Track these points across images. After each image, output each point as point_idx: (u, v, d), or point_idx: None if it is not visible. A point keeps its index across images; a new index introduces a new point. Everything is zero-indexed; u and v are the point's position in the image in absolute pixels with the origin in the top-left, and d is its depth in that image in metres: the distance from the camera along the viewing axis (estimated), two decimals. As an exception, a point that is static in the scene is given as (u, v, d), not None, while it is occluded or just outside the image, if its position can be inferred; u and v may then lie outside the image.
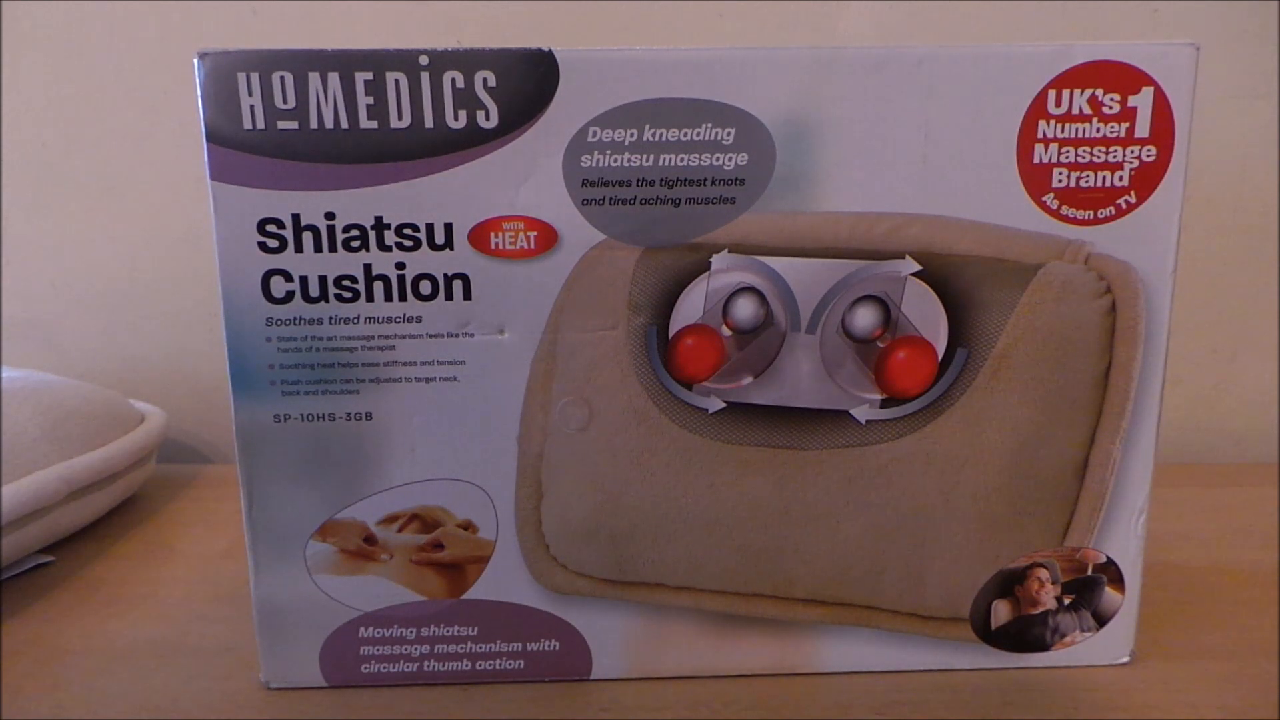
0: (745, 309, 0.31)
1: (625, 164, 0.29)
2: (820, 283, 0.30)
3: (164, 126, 0.59)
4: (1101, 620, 0.34)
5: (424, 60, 0.28)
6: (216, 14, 0.57)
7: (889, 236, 0.30)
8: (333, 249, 0.29)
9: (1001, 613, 0.33)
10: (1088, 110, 0.29)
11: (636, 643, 0.33)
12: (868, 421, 0.31)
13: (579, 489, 0.32)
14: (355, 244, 0.30)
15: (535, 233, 0.30)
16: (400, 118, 0.28)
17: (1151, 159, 0.30)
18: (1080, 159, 0.29)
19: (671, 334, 0.31)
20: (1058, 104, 0.29)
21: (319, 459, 0.31)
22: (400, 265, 0.30)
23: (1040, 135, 0.29)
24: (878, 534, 0.32)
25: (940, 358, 0.31)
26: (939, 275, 0.30)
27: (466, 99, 0.28)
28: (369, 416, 0.31)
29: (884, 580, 0.33)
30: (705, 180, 0.29)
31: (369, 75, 0.28)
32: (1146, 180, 0.30)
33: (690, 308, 0.30)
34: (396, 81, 0.28)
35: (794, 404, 0.31)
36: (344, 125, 0.28)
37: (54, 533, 0.45)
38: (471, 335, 0.30)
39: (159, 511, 0.51)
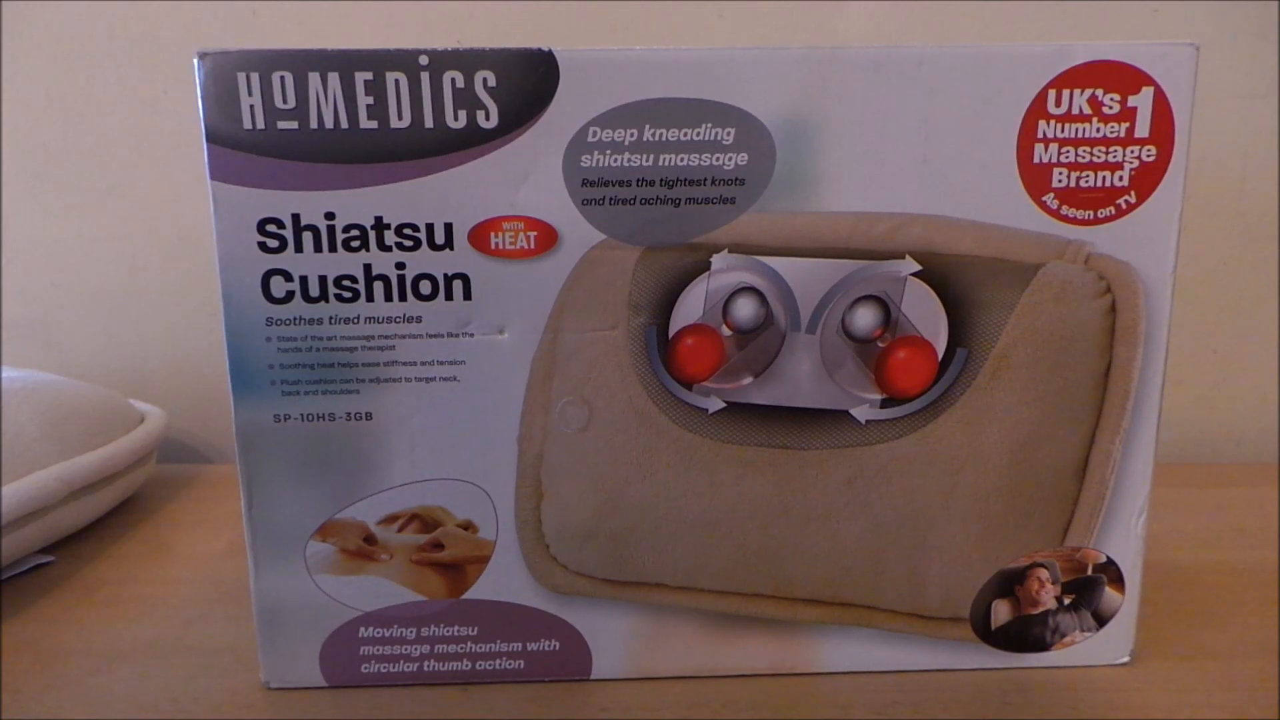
0: (745, 309, 0.31)
1: (625, 164, 0.29)
2: (820, 283, 0.30)
3: (164, 126, 0.59)
4: (1101, 620, 0.34)
5: (424, 60, 0.28)
6: (216, 14, 0.57)
7: (889, 236, 0.30)
8: (333, 249, 0.29)
9: (1001, 613, 0.33)
10: (1088, 110, 0.29)
11: (636, 643, 0.33)
12: (868, 421, 0.31)
13: (579, 489, 0.32)
14: (355, 244, 0.30)
15: (535, 233, 0.30)
16: (400, 118, 0.28)
17: (1151, 159, 0.30)
18: (1080, 159, 0.29)
19: (671, 334, 0.31)
20: (1058, 104, 0.29)
21: (319, 459, 0.31)
22: (400, 265, 0.30)
23: (1040, 135, 0.29)
24: (878, 534, 0.32)
25: (940, 358, 0.31)
26: (939, 275, 0.30)
27: (466, 99, 0.28)
28: (369, 416, 0.31)
29: (884, 580, 0.33)
30: (705, 180, 0.29)
31: (369, 75, 0.28)
32: (1146, 180, 0.30)
33: (690, 308, 0.30)
34: (396, 81, 0.28)
35: (794, 404, 0.31)
36: (344, 125, 0.28)
37: (54, 533, 0.45)
38: (471, 335, 0.30)
39: (159, 511, 0.51)
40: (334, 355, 0.30)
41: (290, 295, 0.30)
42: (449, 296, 0.30)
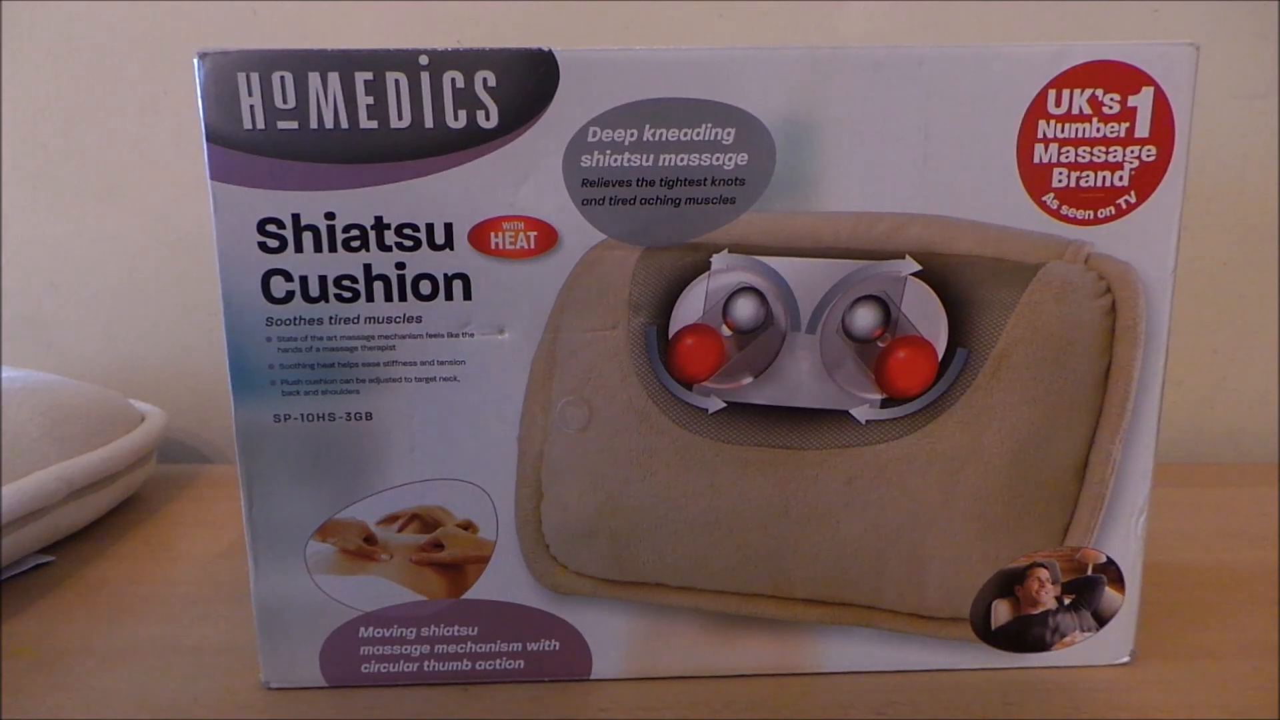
0: (745, 309, 0.31)
1: (625, 164, 0.29)
2: (820, 283, 0.30)
3: (164, 126, 0.59)
4: (1101, 620, 0.34)
5: (424, 60, 0.28)
6: (216, 14, 0.57)
7: (889, 236, 0.30)
8: (333, 249, 0.29)
9: (1001, 613, 0.33)
10: (1088, 110, 0.29)
11: (636, 643, 0.33)
12: (868, 421, 0.31)
13: (579, 489, 0.32)
14: (355, 244, 0.30)
15: (535, 233, 0.30)
16: (400, 118, 0.28)
17: (1151, 159, 0.30)
18: (1080, 159, 0.29)
19: (671, 334, 0.31)
20: (1058, 104, 0.29)
21: (319, 459, 0.31)
22: (400, 265, 0.30)
23: (1040, 135, 0.29)
24: (878, 534, 0.32)
25: (940, 358, 0.31)
26: (939, 275, 0.30)
27: (466, 99, 0.28)
28: (369, 416, 0.31)
29: (884, 580, 0.33)
30: (705, 180, 0.29)
31: (369, 75, 0.28)
32: (1146, 180, 0.30)
33: (690, 308, 0.30)
34: (396, 81, 0.28)
35: (794, 404, 0.31)
36: (344, 125, 0.28)
37: (54, 533, 0.45)
38: (471, 335, 0.30)
39: (159, 511, 0.51)
40: (334, 355, 0.30)
41: (290, 295, 0.30)
42: (449, 296, 0.30)
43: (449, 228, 0.29)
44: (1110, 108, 0.29)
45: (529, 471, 0.32)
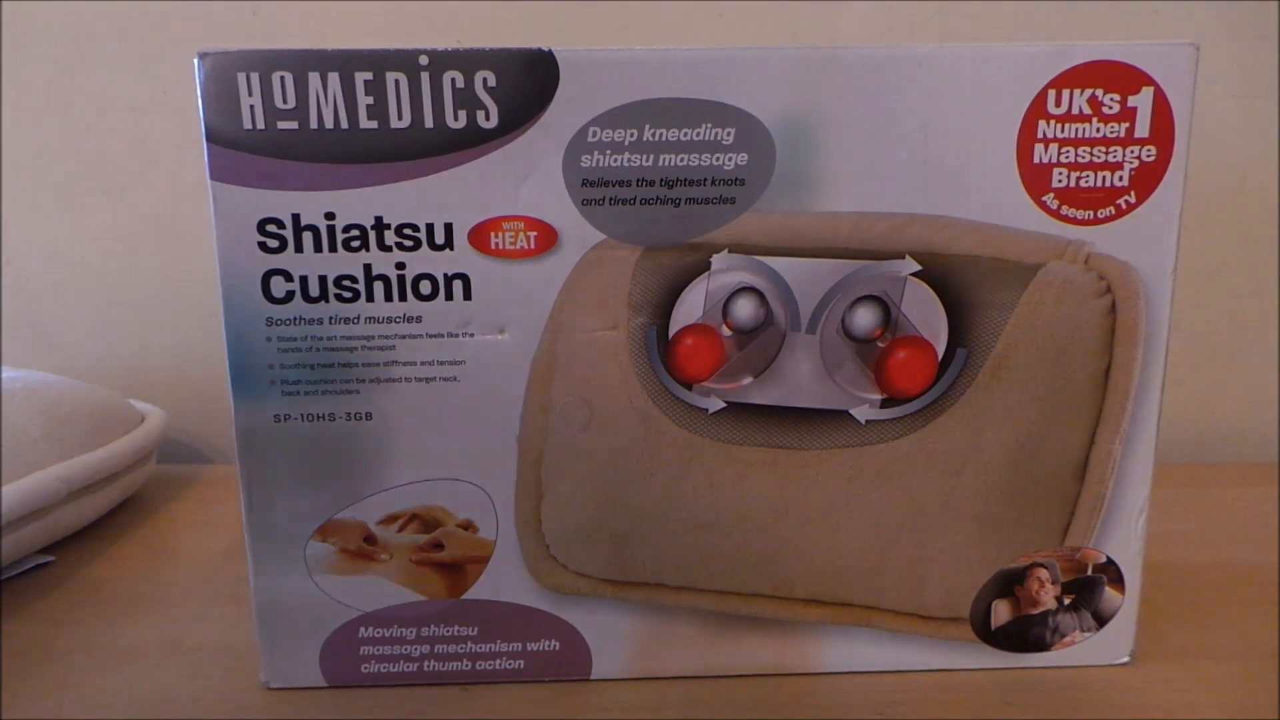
0: (745, 309, 0.31)
1: (625, 164, 0.29)
2: (820, 283, 0.30)
3: (164, 126, 0.59)
4: (1101, 620, 0.34)
5: (424, 60, 0.28)
6: (216, 14, 0.57)
7: (889, 236, 0.30)
8: (333, 249, 0.29)
9: (1001, 613, 0.33)
10: (1088, 110, 0.29)
11: (636, 643, 0.33)
12: (868, 421, 0.31)
13: (579, 489, 0.32)
14: (355, 244, 0.30)
15: (535, 233, 0.30)
16: (400, 118, 0.28)
17: (1151, 159, 0.30)
18: (1080, 159, 0.29)
19: (671, 334, 0.31)
20: (1058, 104, 0.29)
21: (319, 459, 0.31)
22: (400, 265, 0.30)
23: (1040, 135, 0.29)
24: (878, 534, 0.32)
25: (940, 358, 0.31)
26: (939, 275, 0.30)
27: (466, 99, 0.28)
28: (369, 416, 0.31)
29: (884, 580, 0.33)
30: (705, 180, 0.29)
31: (369, 75, 0.28)
32: (1146, 180, 0.30)
33: (690, 308, 0.30)
34: (396, 81, 0.28)
35: (794, 404, 0.31)
36: (344, 125, 0.28)
37: (54, 533, 0.45)
38: (471, 335, 0.30)
39: (159, 511, 0.51)
40: (334, 355, 0.30)
41: (290, 295, 0.30)
42: (449, 296, 0.30)
43: (449, 228, 0.29)
44: (1110, 108, 0.29)
45: (529, 471, 0.32)
